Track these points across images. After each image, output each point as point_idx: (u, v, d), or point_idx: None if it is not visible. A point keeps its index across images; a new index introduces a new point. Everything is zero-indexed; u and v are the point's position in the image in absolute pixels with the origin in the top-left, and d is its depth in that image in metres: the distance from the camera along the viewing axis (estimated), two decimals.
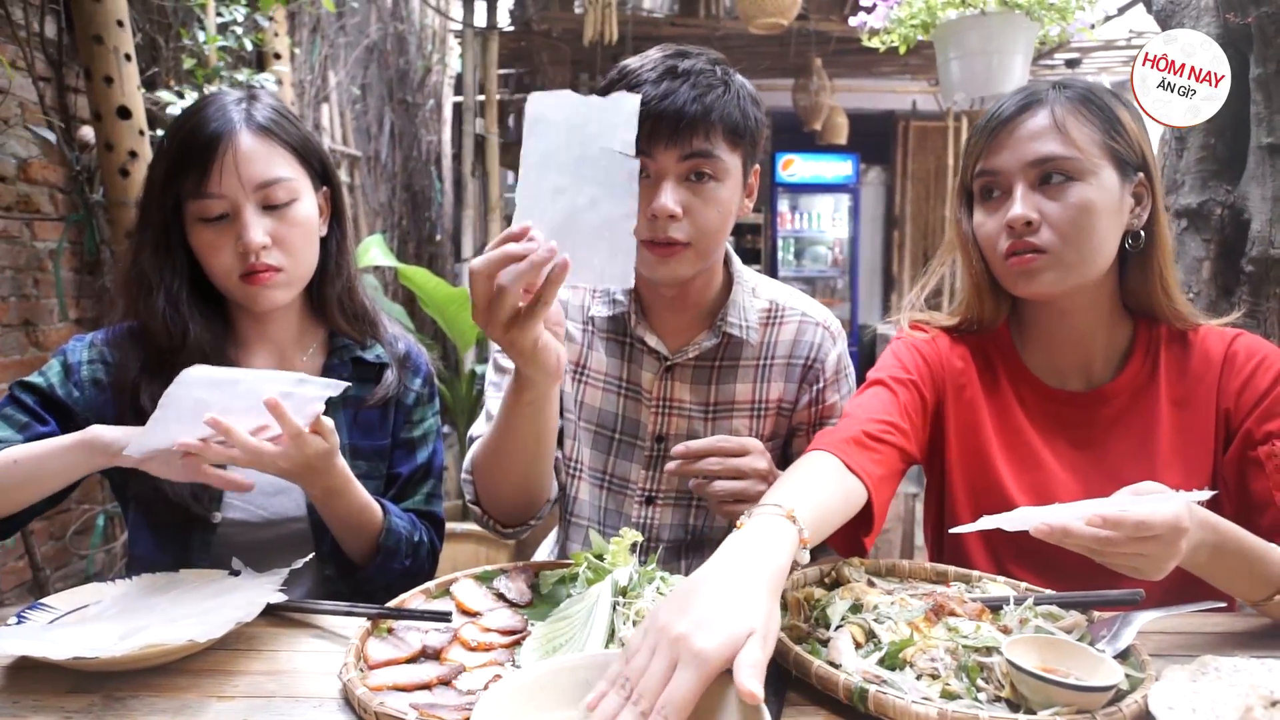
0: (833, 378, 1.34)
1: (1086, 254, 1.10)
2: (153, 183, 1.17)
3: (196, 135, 1.13)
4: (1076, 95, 1.12)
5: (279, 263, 1.16)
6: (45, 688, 0.84)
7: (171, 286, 1.17)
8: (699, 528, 1.35)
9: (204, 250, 1.16)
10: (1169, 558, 0.85)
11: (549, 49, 5.67)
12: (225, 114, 1.15)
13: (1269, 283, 1.76)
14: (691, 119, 1.13)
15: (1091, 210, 1.08)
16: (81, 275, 2.60)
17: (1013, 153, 1.12)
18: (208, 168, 1.11)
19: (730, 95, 1.17)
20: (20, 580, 2.39)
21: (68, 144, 2.44)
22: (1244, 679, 0.81)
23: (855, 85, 6.74)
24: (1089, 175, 1.09)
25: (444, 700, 0.80)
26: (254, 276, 1.15)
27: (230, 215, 1.14)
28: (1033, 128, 1.11)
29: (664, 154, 1.15)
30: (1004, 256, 1.13)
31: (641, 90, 1.12)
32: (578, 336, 1.35)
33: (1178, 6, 1.96)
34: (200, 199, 1.13)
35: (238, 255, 1.14)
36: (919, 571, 1.09)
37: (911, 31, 2.21)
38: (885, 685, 0.79)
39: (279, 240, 1.16)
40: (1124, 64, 6.19)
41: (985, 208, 1.17)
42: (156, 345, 1.17)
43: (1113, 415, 1.18)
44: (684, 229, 1.17)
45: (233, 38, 2.85)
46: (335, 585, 1.21)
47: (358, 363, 1.29)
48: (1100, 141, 1.10)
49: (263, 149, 1.15)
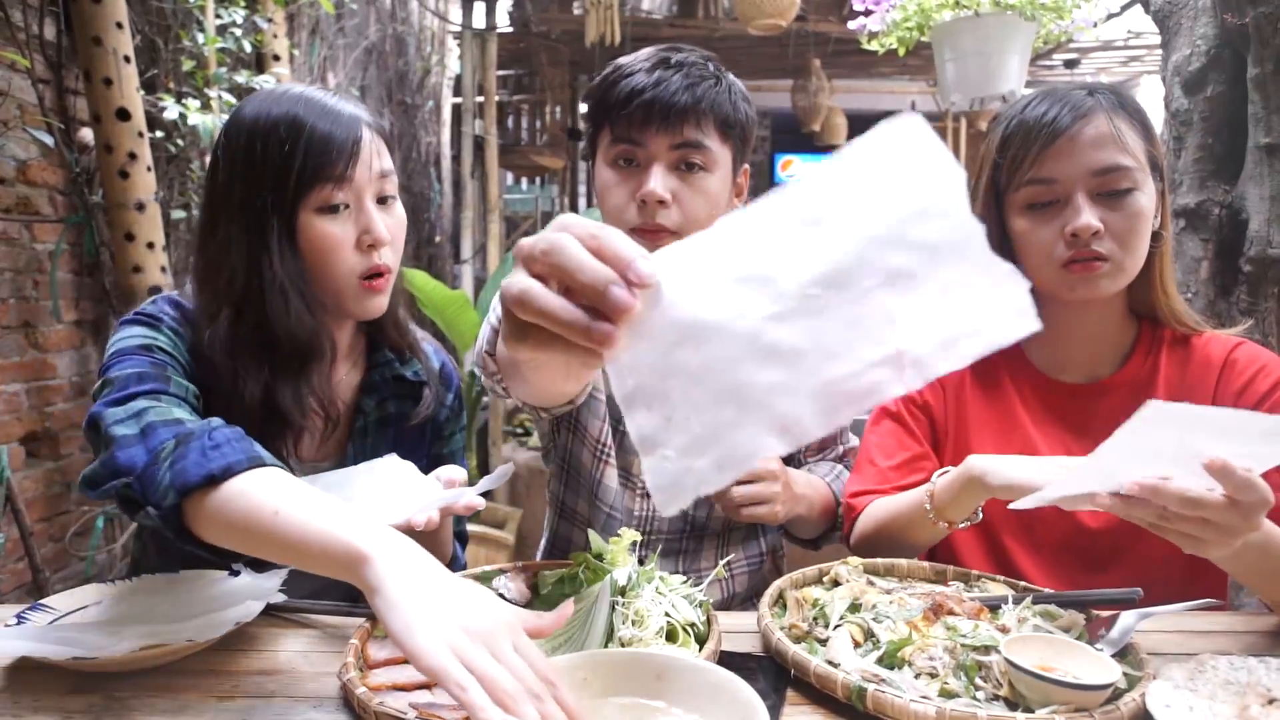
0: None
1: (1138, 259, 1.13)
2: (265, 181, 1.03)
3: (333, 122, 1.04)
4: (1121, 102, 1.13)
5: (390, 261, 1.09)
6: (45, 688, 0.84)
7: (303, 288, 1.06)
8: (698, 519, 1.36)
9: (325, 246, 1.05)
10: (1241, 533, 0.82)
11: (548, 50, 5.68)
12: (337, 101, 1.08)
13: (1267, 282, 1.76)
14: (683, 108, 1.15)
15: (1145, 217, 1.11)
16: (81, 277, 2.60)
17: (1072, 161, 1.11)
18: (348, 158, 1.04)
19: (722, 88, 1.19)
20: (20, 582, 2.39)
21: (67, 146, 2.44)
22: (1241, 677, 0.82)
23: (854, 86, 6.75)
24: (1142, 184, 1.11)
25: (443, 700, 0.80)
26: (379, 279, 1.08)
27: (353, 207, 1.06)
28: (1093, 136, 1.10)
29: (654, 140, 1.16)
30: (1061, 264, 1.13)
31: (633, 79, 1.15)
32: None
33: (1175, 7, 1.96)
34: (331, 187, 1.03)
35: (362, 252, 1.07)
36: (917, 571, 1.09)
37: (908, 34, 2.21)
38: (884, 684, 0.80)
39: (391, 236, 1.09)
40: (1122, 64, 6.20)
41: (1035, 216, 1.15)
42: (296, 350, 1.07)
43: (1110, 409, 1.19)
44: (672, 217, 1.18)
45: (232, 40, 2.85)
46: (337, 586, 1.21)
47: (398, 380, 1.24)
48: (1144, 149, 1.12)
49: (377, 141, 1.09)
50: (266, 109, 1.06)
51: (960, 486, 1.06)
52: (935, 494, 1.10)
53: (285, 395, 1.07)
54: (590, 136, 1.27)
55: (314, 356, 1.09)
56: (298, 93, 1.08)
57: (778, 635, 0.88)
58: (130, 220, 2.35)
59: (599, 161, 1.24)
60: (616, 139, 1.19)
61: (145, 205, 2.36)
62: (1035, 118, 1.14)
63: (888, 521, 1.18)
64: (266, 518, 0.81)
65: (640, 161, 1.18)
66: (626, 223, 1.19)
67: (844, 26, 4.52)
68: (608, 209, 1.22)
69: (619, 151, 1.20)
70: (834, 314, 0.48)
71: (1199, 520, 0.81)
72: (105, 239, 2.52)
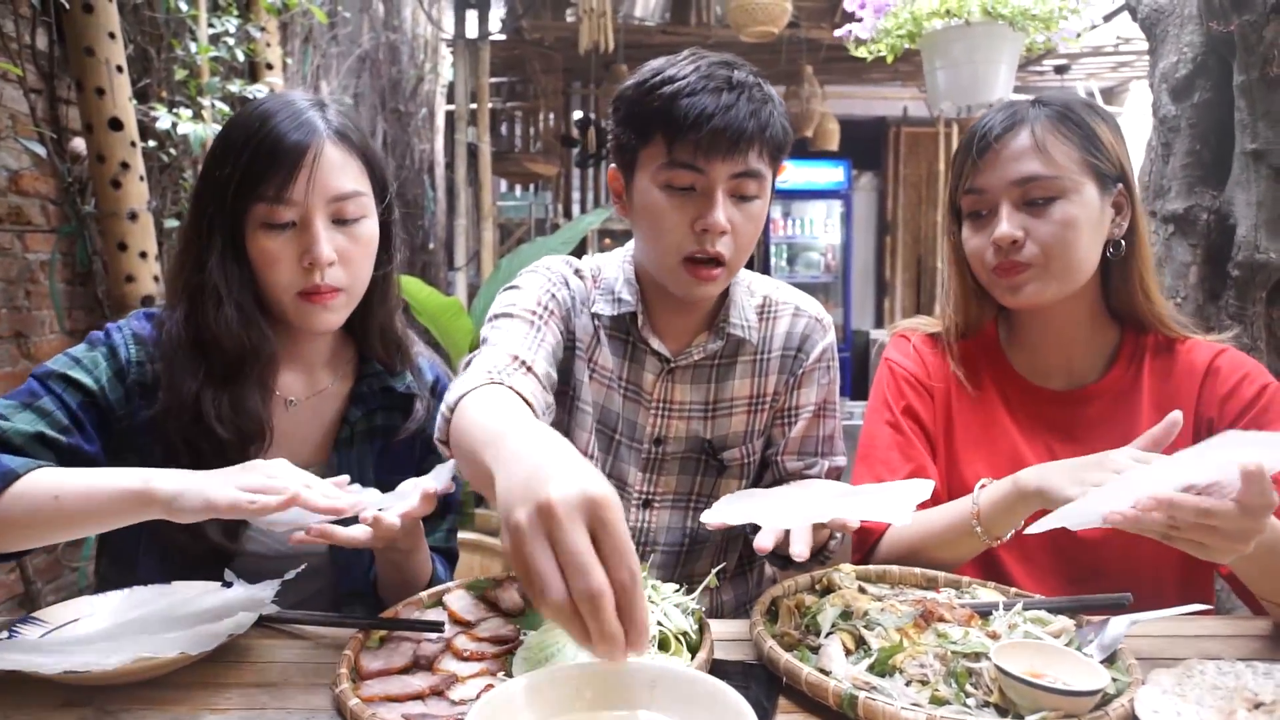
0: (812, 366, 1.33)
1: (1071, 266, 1.14)
2: (217, 186, 1.07)
3: (280, 139, 1.06)
4: (1055, 114, 1.15)
5: (341, 282, 1.10)
6: (37, 702, 0.84)
7: (241, 297, 1.09)
8: (696, 531, 1.35)
9: (264, 260, 1.08)
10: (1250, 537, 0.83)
11: (541, 57, 5.70)
12: (307, 118, 1.09)
13: (1254, 286, 1.78)
14: (750, 136, 1.10)
15: (1074, 225, 1.12)
16: (74, 287, 2.60)
17: (996, 173, 1.16)
18: (292, 173, 1.05)
19: (777, 112, 1.15)
20: (12, 594, 2.37)
21: (59, 156, 2.44)
22: (1228, 682, 0.82)
23: (846, 92, 6.79)
24: (1070, 192, 1.12)
25: (436, 710, 0.81)
26: (316, 295, 1.09)
27: (299, 225, 1.08)
28: (1015, 148, 1.14)
29: (717, 168, 1.11)
30: (991, 271, 1.18)
31: (697, 100, 1.09)
32: (589, 329, 1.30)
33: (1162, 14, 1.98)
34: (273, 204, 1.06)
35: (301, 269, 1.08)
36: (909, 577, 1.09)
37: (898, 41, 2.23)
38: (875, 692, 0.80)
39: (344, 258, 1.10)
40: (1112, 70, 6.23)
41: (972, 225, 1.21)
42: (224, 359, 1.09)
43: (1095, 416, 1.21)
44: (728, 244, 1.15)
45: (225, 49, 2.85)
46: (330, 597, 1.21)
47: (387, 392, 1.24)
48: (1079, 158, 1.13)
49: (341, 159, 1.10)
50: (244, 116, 1.10)
51: (1014, 500, 1.05)
52: (982, 510, 1.08)
53: (207, 399, 1.08)
54: (628, 146, 1.18)
55: (244, 364, 1.09)
56: (275, 105, 1.10)
57: (770, 644, 0.89)
58: (123, 230, 2.35)
59: (644, 178, 1.16)
60: (676, 163, 1.12)
61: (138, 215, 2.36)
62: (976, 129, 1.19)
63: (920, 541, 1.15)
64: (49, 504, 0.93)
65: (699, 188, 1.13)
66: (680, 250, 1.15)
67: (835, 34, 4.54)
68: (659, 232, 1.16)
69: (678, 176, 1.13)
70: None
71: (1209, 528, 0.83)
72: (98, 249, 2.52)
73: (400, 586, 1.14)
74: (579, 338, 1.29)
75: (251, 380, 1.11)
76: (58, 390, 1.05)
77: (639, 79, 1.16)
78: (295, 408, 1.19)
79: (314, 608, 1.09)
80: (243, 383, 1.10)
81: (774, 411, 1.34)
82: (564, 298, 1.28)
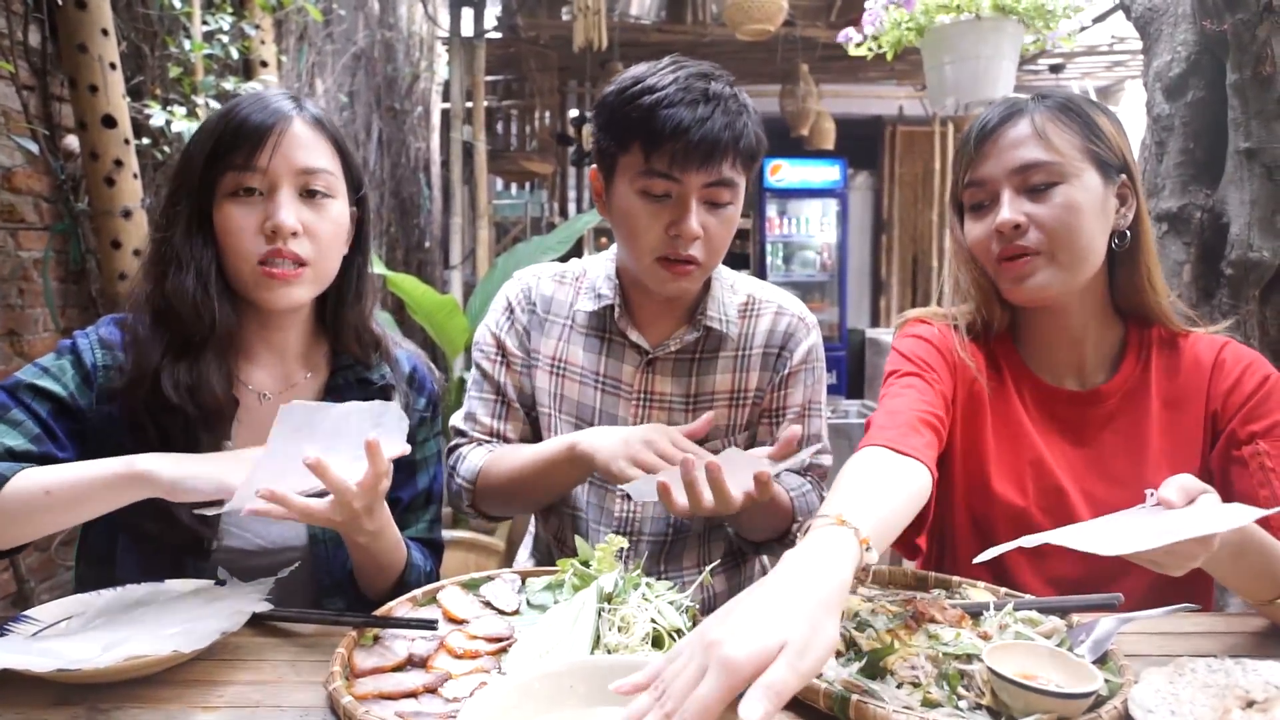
0: (798, 367, 1.34)
1: (1076, 253, 1.13)
2: (190, 160, 1.10)
3: (250, 117, 1.09)
4: (1055, 104, 1.15)
5: (306, 254, 1.10)
6: (29, 700, 0.84)
7: (202, 265, 1.09)
8: (680, 522, 1.36)
9: (228, 227, 1.08)
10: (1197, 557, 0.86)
11: (536, 55, 5.69)
12: (279, 102, 1.12)
13: (1248, 285, 1.78)
14: (724, 148, 1.15)
15: (1077, 209, 1.11)
16: (67, 284, 2.59)
17: (997, 161, 1.15)
18: (258, 145, 1.07)
19: (751, 122, 1.20)
20: (5, 592, 2.37)
21: (52, 153, 2.43)
22: (1220, 680, 0.83)
23: (842, 91, 6.79)
24: (1072, 178, 1.12)
25: (430, 708, 0.81)
26: (276, 268, 1.09)
27: (264, 193, 1.09)
28: (1015, 136, 1.14)
29: (692, 178, 1.16)
30: (996, 261, 1.17)
31: (675, 112, 1.13)
32: (556, 332, 1.37)
33: (1156, 13, 1.98)
34: (240, 171, 1.07)
35: (263, 236, 1.08)
36: (899, 577, 1.09)
37: (905, 35, 2.23)
38: (866, 694, 0.80)
39: (310, 230, 1.10)
40: (1107, 69, 6.25)
41: (975, 216, 1.20)
42: (183, 330, 1.09)
43: (1106, 414, 1.21)
44: (701, 249, 1.21)
45: (219, 46, 2.84)
46: (322, 596, 1.21)
47: (363, 384, 1.24)
48: (1080, 145, 1.13)
49: (310, 138, 1.12)
50: (222, 107, 1.14)
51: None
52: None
53: (166, 371, 1.08)
54: (608, 151, 1.23)
55: (201, 335, 1.09)
56: (252, 94, 1.14)
57: None
58: (116, 227, 2.34)
59: (623, 183, 1.22)
60: (653, 172, 1.17)
61: (131, 212, 2.35)
62: (975, 124, 1.19)
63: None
64: (40, 499, 0.96)
65: (674, 196, 1.18)
66: (655, 251, 1.21)
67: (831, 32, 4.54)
68: (635, 235, 1.22)
69: (654, 184, 1.18)
70: None
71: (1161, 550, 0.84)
72: (91, 246, 2.51)
73: (374, 573, 1.14)
74: (542, 353, 1.38)
75: (210, 354, 1.10)
76: (27, 400, 1.06)
77: (619, 86, 1.21)
78: (269, 402, 1.19)
79: (294, 603, 1.08)
80: (201, 357, 1.09)
81: (758, 409, 1.36)
82: (520, 328, 1.40)
